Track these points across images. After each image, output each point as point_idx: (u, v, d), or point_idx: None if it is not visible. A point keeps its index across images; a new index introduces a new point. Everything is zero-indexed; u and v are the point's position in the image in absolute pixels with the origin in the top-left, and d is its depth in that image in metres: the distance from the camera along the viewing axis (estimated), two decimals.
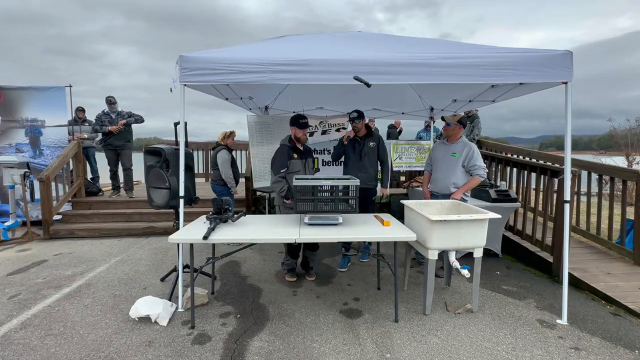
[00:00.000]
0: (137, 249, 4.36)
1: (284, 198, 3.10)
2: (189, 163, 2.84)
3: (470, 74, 2.37)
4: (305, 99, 5.26)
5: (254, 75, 2.39)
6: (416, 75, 2.40)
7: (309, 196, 2.48)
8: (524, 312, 2.67)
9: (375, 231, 2.42)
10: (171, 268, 3.42)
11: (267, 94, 4.99)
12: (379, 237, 2.36)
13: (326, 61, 2.39)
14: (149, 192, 2.91)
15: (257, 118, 5.16)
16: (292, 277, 3.28)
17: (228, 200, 2.70)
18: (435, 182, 3.30)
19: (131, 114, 5.73)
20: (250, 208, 5.40)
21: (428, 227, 2.46)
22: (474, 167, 3.10)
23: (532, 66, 2.37)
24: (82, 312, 2.65)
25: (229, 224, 2.60)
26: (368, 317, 2.58)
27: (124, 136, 5.62)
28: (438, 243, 2.48)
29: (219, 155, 4.33)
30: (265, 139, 5.28)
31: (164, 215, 5.23)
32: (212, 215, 2.59)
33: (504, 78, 2.39)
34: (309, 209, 2.51)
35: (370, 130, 3.62)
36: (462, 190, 3.12)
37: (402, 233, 2.39)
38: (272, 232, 2.40)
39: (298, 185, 2.46)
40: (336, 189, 2.48)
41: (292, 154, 3.14)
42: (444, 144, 3.32)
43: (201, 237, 2.22)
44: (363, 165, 3.50)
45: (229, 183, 4.29)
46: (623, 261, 3.51)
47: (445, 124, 3.21)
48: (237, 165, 4.63)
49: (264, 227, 2.52)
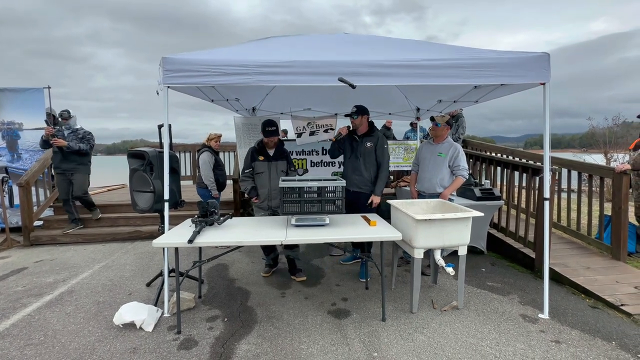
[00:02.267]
0: (122, 254, 4.27)
1: (248, 196, 3.29)
2: (173, 166, 2.80)
3: (452, 75, 2.42)
4: (293, 100, 5.26)
5: (237, 77, 2.37)
6: (400, 76, 2.43)
7: (295, 197, 2.48)
8: (508, 308, 2.73)
9: (362, 231, 2.44)
10: (157, 273, 3.36)
11: (254, 96, 4.97)
12: (366, 237, 2.37)
13: (310, 63, 2.40)
14: (133, 196, 2.86)
15: (244, 119, 5.13)
16: (266, 272, 3.47)
17: (214, 202, 2.67)
18: (422, 182, 3.34)
19: (85, 137, 4.72)
20: (238, 210, 5.36)
21: (413, 227, 2.50)
22: (458, 168, 3.16)
23: (512, 68, 2.44)
24: (64, 320, 2.58)
25: (215, 227, 2.58)
26: (356, 316, 2.59)
27: (74, 158, 4.61)
28: (424, 242, 2.52)
29: (201, 157, 4.29)
30: (253, 140, 5.25)
31: (150, 219, 5.14)
32: (197, 218, 2.56)
33: (485, 79, 2.45)
34: (296, 211, 2.51)
35: (372, 129, 3.30)
36: (449, 191, 3.18)
37: (388, 233, 2.42)
38: (259, 234, 2.39)
39: (284, 187, 2.46)
40: (323, 190, 2.49)
41: (257, 156, 3.24)
42: (430, 144, 3.37)
43: (186, 240, 2.20)
44: (358, 166, 3.24)
45: (209, 185, 4.26)
46: (602, 256, 3.63)
47: (434, 124, 3.26)
48: (222, 168, 4.59)
49: (250, 230, 2.51)
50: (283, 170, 3.28)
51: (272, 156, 3.25)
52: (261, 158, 3.24)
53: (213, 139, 4.47)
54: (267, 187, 3.23)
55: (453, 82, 2.43)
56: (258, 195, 3.26)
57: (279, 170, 3.25)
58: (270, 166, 3.24)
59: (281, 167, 3.27)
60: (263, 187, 3.24)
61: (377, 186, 3.24)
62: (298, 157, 5.41)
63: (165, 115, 2.52)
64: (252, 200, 3.30)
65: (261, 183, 3.25)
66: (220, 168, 4.53)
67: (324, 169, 5.55)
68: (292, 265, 3.40)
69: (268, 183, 3.22)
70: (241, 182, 3.32)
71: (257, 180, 3.27)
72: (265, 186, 3.23)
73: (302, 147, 5.41)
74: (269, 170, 3.23)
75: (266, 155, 3.25)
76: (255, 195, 3.26)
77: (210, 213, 2.60)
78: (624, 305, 2.67)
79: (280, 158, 3.27)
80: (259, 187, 3.26)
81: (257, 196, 3.26)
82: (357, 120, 3.28)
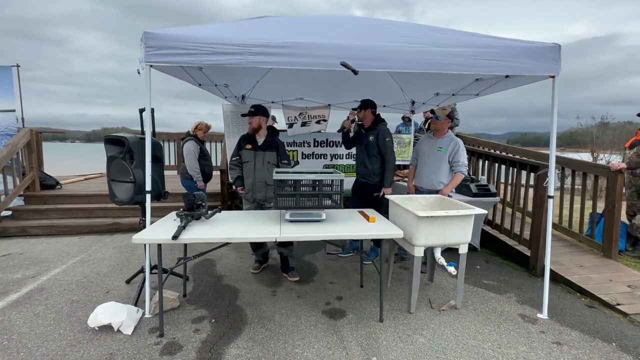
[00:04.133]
0: (99, 247, 3.99)
1: (234, 185, 3.15)
2: (156, 154, 2.57)
3: (458, 63, 2.28)
4: (285, 89, 5.03)
5: (230, 57, 2.16)
6: (403, 62, 2.27)
7: (290, 191, 2.31)
8: (506, 307, 2.67)
9: (361, 228, 2.30)
10: (138, 269, 3.13)
11: (244, 82, 4.71)
12: (365, 234, 2.23)
13: (310, 45, 2.21)
14: (110, 186, 2.61)
15: (233, 107, 4.88)
16: (255, 269, 3.30)
17: (201, 195, 2.47)
18: (420, 177, 3.23)
19: None
20: (226, 203, 5.14)
21: (415, 224, 2.37)
22: (457, 164, 3.06)
23: (520, 58, 2.31)
24: (32, 321, 2.34)
25: (202, 222, 2.38)
26: (352, 317, 2.47)
27: None
28: (425, 240, 2.40)
29: (186, 146, 4.04)
30: (242, 129, 5.01)
31: (131, 210, 4.85)
32: (183, 211, 2.35)
33: (491, 69, 2.32)
34: (290, 205, 2.33)
35: (376, 122, 3.34)
36: (449, 188, 3.07)
37: (389, 230, 2.29)
38: (250, 230, 2.21)
39: (278, 180, 2.28)
40: (320, 184, 2.32)
41: (245, 144, 3.08)
42: (430, 138, 3.24)
43: (170, 236, 2.00)
44: (363, 158, 3.37)
45: (194, 176, 4.02)
46: (593, 253, 3.64)
47: (434, 117, 3.13)
48: (208, 158, 4.35)
49: (241, 225, 2.32)
50: (271, 161, 3.07)
51: (259, 145, 3.05)
52: (248, 147, 3.05)
53: (201, 129, 4.21)
54: (251, 177, 3.04)
55: (459, 71, 2.29)
56: (243, 185, 3.08)
57: (266, 161, 3.04)
58: (256, 156, 3.04)
59: (269, 158, 3.06)
60: (248, 177, 3.06)
61: (385, 178, 3.27)
62: (289, 148, 5.21)
63: (147, 98, 2.28)
64: (238, 191, 3.13)
65: (246, 173, 3.07)
66: (206, 158, 4.28)
67: (316, 161, 5.38)
68: (285, 262, 3.24)
69: (252, 174, 3.03)
70: (229, 170, 3.18)
71: (244, 170, 3.09)
72: (249, 176, 3.05)
73: (293, 138, 5.21)
74: (254, 160, 3.03)
75: (254, 144, 3.06)
76: (240, 185, 3.10)
77: (197, 206, 2.40)
78: (620, 305, 2.66)
79: (269, 148, 3.07)
80: (245, 177, 3.09)
81: (242, 186, 3.08)
82: (361, 114, 3.38)
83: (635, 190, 3.63)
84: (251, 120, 3.04)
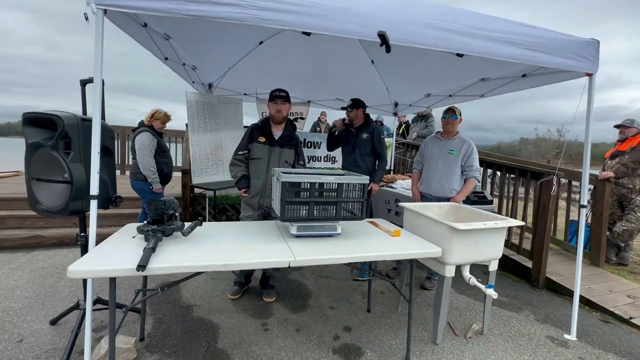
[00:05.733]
0: (10, 270, 2.96)
1: (237, 186, 2.47)
2: (107, 144, 1.83)
3: (503, 50, 1.96)
4: (261, 80, 4.43)
5: (225, 8, 1.55)
6: (441, 41, 1.87)
7: (305, 197, 1.76)
8: (530, 328, 2.41)
9: (390, 246, 1.83)
10: (70, 302, 2.29)
11: (215, 67, 4.01)
12: (401, 254, 1.77)
13: (340, 9, 1.70)
14: (31, 187, 1.78)
15: (199, 97, 4.12)
16: (234, 294, 2.61)
17: (172, 202, 1.80)
18: (429, 183, 2.87)
19: None
20: (187, 209, 4.31)
21: (448, 238, 1.98)
22: (470, 168, 2.77)
23: (561, 51, 2.07)
24: None
25: (177, 239, 1.70)
26: (371, 356, 1.98)
27: None
28: (458, 256, 2.02)
29: (138, 138, 3.22)
30: (209, 124, 4.27)
31: (59, 218, 3.81)
32: (149, 225, 1.65)
33: (532, 59, 2.03)
34: (302, 216, 1.78)
35: (367, 121, 3.18)
36: (462, 196, 2.76)
37: (424, 247, 1.85)
38: (251, 251, 1.61)
39: (289, 182, 1.71)
40: (341, 189, 1.80)
41: (258, 136, 2.45)
42: (438, 139, 2.91)
43: (133, 266, 1.32)
44: (354, 158, 3.11)
45: (149, 177, 3.22)
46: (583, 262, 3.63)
47: (450, 116, 2.80)
48: (168, 155, 3.56)
49: (235, 244, 1.70)
50: (289, 161, 2.49)
51: (277, 139, 2.45)
52: (262, 139, 2.42)
53: (159, 118, 3.41)
54: (262, 178, 2.42)
55: (499, 57, 1.96)
56: (249, 187, 2.44)
57: (283, 160, 2.46)
58: (272, 152, 2.43)
59: (286, 156, 2.48)
60: (257, 177, 2.43)
61: (376, 175, 3.14)
62: None
63: (97, 57, 1.55)
64: (240, 194, 2.47)
65: (256, 173, 2.43)
66: (165, 155, 3.49)
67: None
68: (266, 278, 2.66)
69: (265, 174, 2.41)
70: (231, 167, 2.48)
71: (252, 168, 2.46)
72: (259, 177, 2.43)
73: None
74: (268, 157, 2.42)
75: (270, 136, 2.44)
76: (245, 187, 2.44)
77: (168, 217, 1.72)
78: (633, 319, 2.56)
79: (287, 144, 2.48)
80: (253, 177, 2.45)
81: (246, 188, 2.44)
82: (352, 113, 3.18)
83: (617, 199, 3.71)
84: (280, 108, 2.42)
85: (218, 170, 4.34)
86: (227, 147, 4.43)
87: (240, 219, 2.52)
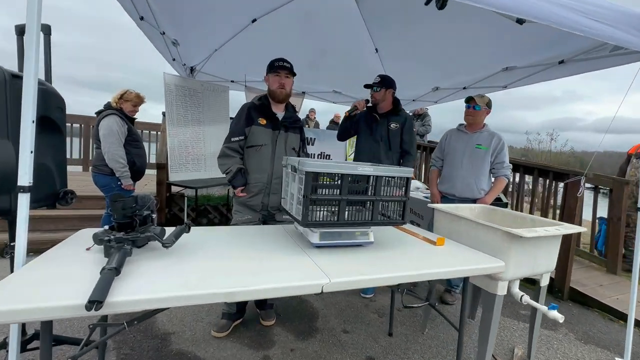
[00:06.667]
0: None
1: (231, 183, 1.91)
2: (51, 115, 1.29)
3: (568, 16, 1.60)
4: (250, 67, 3.93)
5: None
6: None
7: (333, 194, 1.30)
8: (577, 352, 2.08)
9: (441, 258, 1.41)
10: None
11: (199, 49, 3.48)
12: (465, 270, 1.35)
13: None
14: None
15: (180, 80, 3.57)
16: (220, 329, 1.95)
17: (148, 199, 1.28)
18: (452, 182, 2.50)
19: None
20: (163, 211, 3.71)
21: (504, 248, 1.59)
22: (501, 165, 2.42)
23: (621, 24, 1.76)
24: None
25: (156, 252, 1.19)
26: None
27: None
28: (514, 270, 1.63)
29: (104, 123, 2.64)
30: (190, 113, 3.71)
31: None
32: (111, 232, 1.13)
33: (598, 31, 1.69)
34: (327, 219, 1.32)
35: (397, 107, 2.54)
36: (492, 196, 2.41)
37: (482, 260, 1.45)
38: (263, 269, 1.13)
39: (314, 173, 1.25)
40: (378, 184, 1.36)
41: (257, 117, 1.92)
42: (462, 132, 2.56)
43: (81, 302, 0.81)
44: (376, 151, 2.46)
45: (118, 170, 2.65)
46: (597, 269, 3.43)
47: (472, 106, 2.44)
48: (141, 145, 2.97)
49: (239, 259, 1.22)
50: (296, 148, 2.02)
51: (281, 121, 1.95)
52: (262, 121, 1.91)
53: (129, 99, 2.82)
54: (266, 171, 1.91)
55: (565, 26, 1.61)
56: (246, 184, 1.91)
57: (290, 146, 1.98)
58: (277, 137, 1.93)
59: (293, 142, 2.00)
60: (260, 170, 1.91)
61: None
62: None
63: None
64: (237, 193, 1.92)
65: (258, 164, 1.91)
66: (138, 145, 2.91)
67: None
68: (263, 300, 2.15)
69: (270, 165, 1.91)
70: (221, 159, 1.94)
71: (252, 159, 1.93)
72: (263, 170, 1.91)
73: None
74: (273, 144, 1.92)
75: (272, 118, 1.94)
76: (242, 184, 1.90)
77: (142, 221, 1.20)
78: None
79: (293, 128, 2.00)
80: (253, 170, 1.92)
81: (244, 186, 1.91)
82: (380, 93, 2.48)
83: (635, 201, 3.53)
84: (285, 82, 1.92)
85: (199, 167, 3.77)
86: (211, 141, 3.88)
87: (234, 224, 1.99)
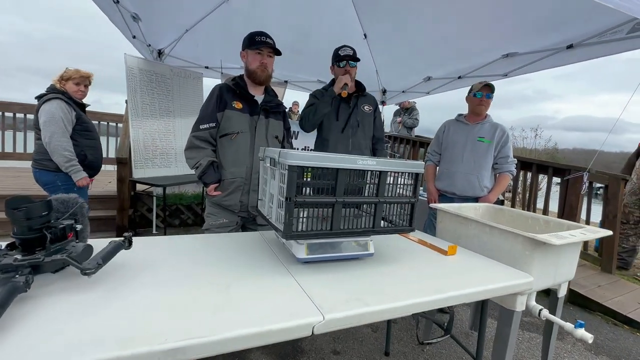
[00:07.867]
0: None
1: (202, 180, 1.58)
2: None
3: None
4: (226, 51, 3.57)
5: None
6: None
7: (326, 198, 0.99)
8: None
9: (459, 277, 1.13)
10: None
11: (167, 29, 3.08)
12: (489, 291, 1.07)
13: None
14: None
15: (145, 64, 3.14)
16: None
17: (72, 202, 0.93)
18: (452, 179, 2.26)
19: None
20: (126, 212, 3.27)
21: (524, 256, 1.35)
22: (506, 160, 2.20)
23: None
24: None
25: (74, 280, 0.84)
26: None
27: None
28: (537, 282, 1.39)
29: (45, 108, 2.20)
30: (157, 101, 3.29)
31: None
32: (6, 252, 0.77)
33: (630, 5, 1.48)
34: (319, 228, 1.01)
35: (362, 85, 2.22)
36: (495, 194, 2.19)
37: (510, 276, 1.19)
38: (229, 302, 0.81)
39: (297, 167, 0.93)
40: (382, 181, 1.07)
41: (231, 100, 1.60)
42: (462, 123, 2.31)
43: None
44: (356, 140, 2.10)
45: (63, 164, 2.22)
46: (592, 268, 3.32)
47: (484, 95, 2.19)
48: (94, 135, 2.51)
49: (196, 285, 0.89)
50: (278, 136, 1.70)
51: (261, 104, 1.64)
52: (238, 105, 1.59)
53: (69, 77, 2.35)
54: (245, 164, 1.59)
55: None
56: (221, 181, 1.58)
57: (272, 134, 1.67)
58: (256, 123, 1.61)
59: (275, 129, 1.69)
60: (237, 163, 1.58)
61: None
62: None
63: None
64: (209, 192, 1.58)
65: (234, 156, 1.58)
66: (91, 135, 2.46)
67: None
68: None
69: (250, 156, 1.59)
70: (188, 151, 1.60)
71: (226, 149, 1.60)
72: (242, 163, 1.58)
73: None
74: (252, 132, 1.60)
75: (249, 100, 1.62)
76: (216, 180, 1.57)
77: (58, 235, 0.85)
78: None
79: (274, 113, 1.69)
80: (228, 163, 1.59)
81: (218, 183, 1.58)
82: (355, 69, 2.11)
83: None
84: (267, 62, 1.62)
85: (169, 162, 3.37)
86: (182, 133, 3.48)
87: (206, 229, 1.64)
